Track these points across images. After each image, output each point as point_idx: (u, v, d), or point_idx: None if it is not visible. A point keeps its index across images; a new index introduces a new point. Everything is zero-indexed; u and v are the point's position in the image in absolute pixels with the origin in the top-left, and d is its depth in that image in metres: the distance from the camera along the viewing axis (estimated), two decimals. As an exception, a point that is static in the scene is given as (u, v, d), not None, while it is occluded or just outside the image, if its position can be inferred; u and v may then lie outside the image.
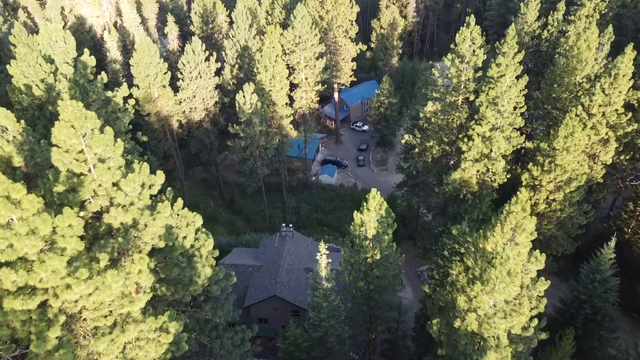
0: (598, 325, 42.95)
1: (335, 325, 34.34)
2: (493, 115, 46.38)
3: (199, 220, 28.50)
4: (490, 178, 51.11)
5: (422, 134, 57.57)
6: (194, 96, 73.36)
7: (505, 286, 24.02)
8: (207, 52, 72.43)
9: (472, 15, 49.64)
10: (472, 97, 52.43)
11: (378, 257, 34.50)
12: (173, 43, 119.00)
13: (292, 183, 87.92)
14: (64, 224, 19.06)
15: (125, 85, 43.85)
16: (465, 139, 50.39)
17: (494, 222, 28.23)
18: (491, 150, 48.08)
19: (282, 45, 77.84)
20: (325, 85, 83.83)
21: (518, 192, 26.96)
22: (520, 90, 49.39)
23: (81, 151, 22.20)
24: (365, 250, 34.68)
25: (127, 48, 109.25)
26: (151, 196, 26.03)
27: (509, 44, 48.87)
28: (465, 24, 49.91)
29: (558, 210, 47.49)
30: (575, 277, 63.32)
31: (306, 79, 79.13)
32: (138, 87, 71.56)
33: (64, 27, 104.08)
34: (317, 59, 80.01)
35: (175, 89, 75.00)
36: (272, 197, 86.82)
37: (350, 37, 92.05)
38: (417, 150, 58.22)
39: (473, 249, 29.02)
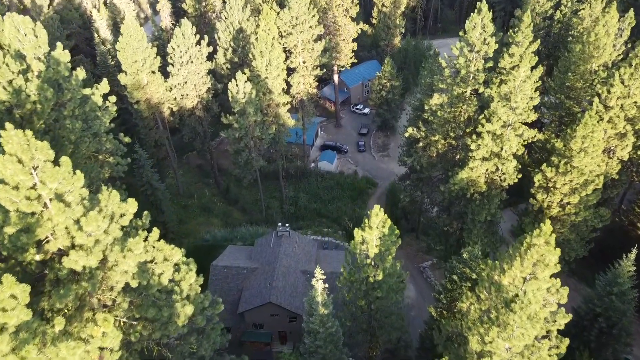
0: (613, 339, 40.32)
1: (333, 350, 31.68)
2: (505, 112, 42.75)
3: (177, 254, 25.28)
4: (499, 177, 47.78)
5: (426, 126, 53.97)
6: (185, 82, 69.35)
7: (525, 331, 21.16)
8: (198, 36, 68.00)
9: (484, 1, 45.42)
10: (481, 89, 48.66)
11: (380, 277, 31.53)
12: (165, 20, 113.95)
13: (290, 171, 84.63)
14: (5, 295, 15.94)
15: (105, 81, 40.11)
16: (474, 136, 46.84)
17: (512, 252, 25.17)
18: (502, 149, 44.61)
19: (278, 27, 73.43)
20: (324, 70, 79.61)
21: (542, 225, 23.81)
22: (534, 82, 45.59)
23: (33, 187, 18.92)
24: (366, 270, 31.66)
25: (117, 26, 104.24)
26: (123, 227, 22.81)
27: (523, 32, 44.93)
28: (476, 10, 45.79)
29: (573, 213, 44.35)
30: (587, 275, 61.01)
31: (304, 62, 74.93)
32: (126, 73, 67.59)
33: (50, 5, 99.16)
34: (315, 41, 75.64)
35: (168, 73, 70.88)
36: (270, 185, 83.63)
37: (350, 16, 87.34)
38: (421, 144, 54.70)
39: (487, 283, 26.04)
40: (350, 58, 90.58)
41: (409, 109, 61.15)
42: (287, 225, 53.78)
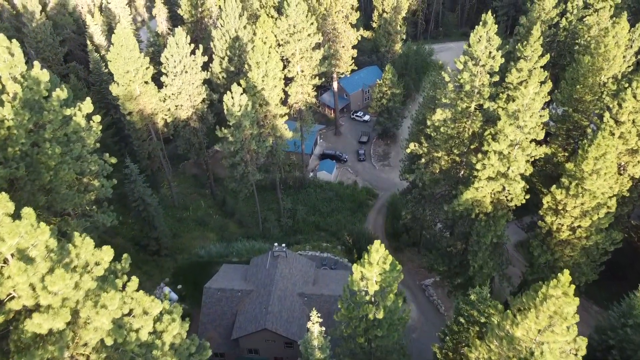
0: (628, 373, 38.09)
1: (330, 393, 29.54)
2: (513, 131, 40.52)
3: (157, 306, 22.98)
4: (506, 197, 45.55)
5: (429, 142, 51.76)
6: (180, 93, 67.14)
7: (543, 395, 19.08)
8: (193, 45, 65.73)
9: (490, 13, 43.17)
10: (486, 105, 46.44)
11: (381, 315, 29.32)
12: (162, 25, 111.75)
13: (289, 181, 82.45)
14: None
15: (88, 100, 37.78)
16: (479, 154, 44.61)
17: (525, 301, 22.98)
18: (509, 169, 42.38)
19: (276, 36, 71.20)
20: (323, 79, 77.38)
21: (559, 275, 21.59)
22: (543, 97, 43.35)
23: (-11, 244, 16.73)
24: (365, 308, 29.45)
25: (113, 32, 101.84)
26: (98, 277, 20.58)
27: (532, 46, 42.71)
28: (481, 22, 43.54)
29: (584, 237, 42.11)
30: (595, 294, 58.72)
31: (302, 71, 72.69)
32: (118, 84, 65.39)
33: (43, 10, 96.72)
34: (314, 49, 73.40)
35: (162, 83, 68.61)
36: (267, 197, 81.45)
37: (350, 23, 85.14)
38: (423, 160, 52.48)
39: (499, 332, 23.85)
40: (350, 65, 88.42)
41: (410, 116, 58.70)
42: (283, 245, 51.55)
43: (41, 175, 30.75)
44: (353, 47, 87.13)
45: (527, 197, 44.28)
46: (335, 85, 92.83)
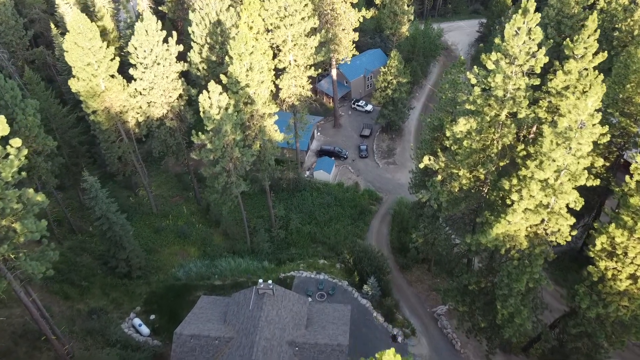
0: None
1: None
2: (562, 156, 31.15)
3: None
4: (545, 230, 36.44)
5: (447, 156, 42.38)
6: (152, 88, 57.46)
7: None
8: (165, 32, 55.69)
9: (532, -2, 33.24)
10: (522, 113, 36.93)
11: None
12: (143, 3, 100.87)
13: (282, 184, 73.20)
14: None
15: (2, 119, 28.40)
16: (514, 179, 35.32)
17: None
18: (553, 201, 33.17)
19: (264, 20, 61.03)
20: (320, 70, 67.45)
21: None
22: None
23: None
24: None
25: (89, 10, 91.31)
26: None
27: (586, 42, 32.93)
28: (520, 11, 33.71)
29: (647, 287, 33.16)
30: None
31: (295, 61, 62.75)
32: (78, 78, 55.75)
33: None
34: (308, 35, 63.27)
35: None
36: (257, 202, 72.43)
37: (351, 2, 74.65)
38: (440, 177, 43.15)
39: None
40: (351, 50, 78.28)
41: (424, 133, 49.18)
42: (270, 282, 42.60)
43: None
44: (354, 30, 76.87)
45: (574, 233, 35.10)
46: (334, 72, 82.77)
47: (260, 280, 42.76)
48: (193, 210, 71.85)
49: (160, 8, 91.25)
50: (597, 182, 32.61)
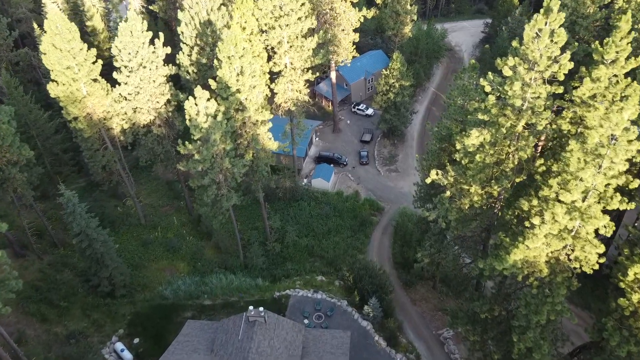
0: None
1: None
2: (592, 176, 27.21)
3: None
4: (568, 255, 32.52)
5: (457, 170, 38.42)
6: (138, 92, 53.52)
7: None
8: (151, 33, 51.73)
9: (556, -4, 29.28)
10: (542, 124, 33.00)
11: None
12: (135, 2, 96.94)
13: (278, 193, 69.22)
14: None
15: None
16: (535, 200, 31.38)
17: None
18: (581, 226, 29.23)
19: (258, 20, 57.08)
20: (317, 73, 63.51)
21: None
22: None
23: None
24: None
25: (78, 10, 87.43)
26: None
27: (618, 45, 29.00)
28: (543, 10, 29.77)
29: (686, 324, 29.24)
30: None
31: (291, 64, 58.80)
32: (57, 82, 51.84)
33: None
34: (305, 36, 59.30)
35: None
36: (251, 212, 68.41)
37: (351, 1, 70.73)
38: (448, 193, 39.19)
39: None
40: (351, 52, 74.32)
41: (431, 143, 45.19)
42: (261, 308, 38.69)
43: None
44: (355, 31, 72.94)
45: (602, 260, 31.12)
46: (333, 74, 78.80)
47: (251, 307, 38.87)
48: (184, 221, 67.82)
49: (151, 8, 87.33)
50: (632, 205, 28.66)
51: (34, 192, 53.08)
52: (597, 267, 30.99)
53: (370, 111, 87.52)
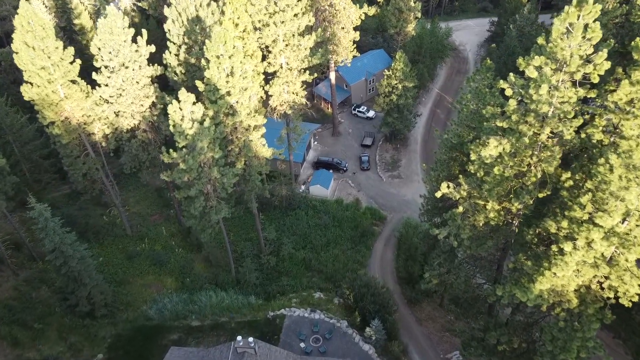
0: None
1: None
2: (637, 195, 23.03)
3: None
4: (601, 283, 28.33)
5: (470, 183, 34.24)
6: (120, 95, 49.33)
7: None
8: (133, 30, 47.54)
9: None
10: (570, 132, 28.84)
11: None
12: (125, 0, 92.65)
13: (274, 201, 64.98)
14: None
15: None
16: (564, 222, 27.16)
17: None
18: (620, 254, 25.03)
19: (251, 16, 52.86)
20: (315, 74, 59.29)
21: None
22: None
23: None
24: None
25: (66, 8, 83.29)
26: None
27: (663, 43, 24.77)
28: (575, 1, 25.58)
29: None
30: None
31: (287, 64, 54.60)
32: (31, 84, 47.66)
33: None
34: (302, 34, 55.10)
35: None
36: (246, 221, 64.09)
37: (351, -2, 66.63)
38: (461, 208, 34.98)
39: None
40: (351, 51, 70.13)
41: (440, 152, 40.92)
42: (250, 339, 34.44)
43: None
44: (355, 29, 68.76)
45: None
46: (332, 75, 74.56)
47: (239, 338, 34.60)
48: (173, 231, 63.57)
49: (139, 4, 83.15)
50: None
51: (6, 204, 48.83)
52: (636, 298, 26.78)
53: (371, 113, 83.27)
